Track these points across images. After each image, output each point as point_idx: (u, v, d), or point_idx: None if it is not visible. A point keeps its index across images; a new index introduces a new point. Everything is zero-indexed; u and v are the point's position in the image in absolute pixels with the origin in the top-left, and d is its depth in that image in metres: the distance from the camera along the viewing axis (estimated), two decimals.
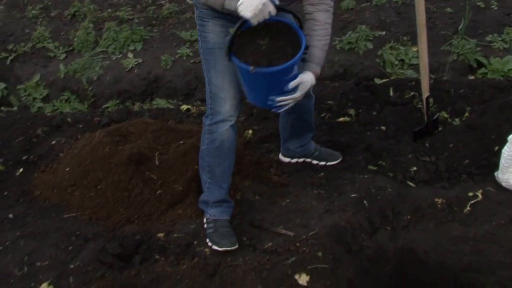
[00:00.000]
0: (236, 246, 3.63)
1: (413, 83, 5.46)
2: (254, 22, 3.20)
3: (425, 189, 4.15)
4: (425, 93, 4.64)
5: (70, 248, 3.77)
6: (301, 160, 4.59)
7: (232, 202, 3.92)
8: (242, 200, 4.14)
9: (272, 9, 3.20)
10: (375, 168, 4.48)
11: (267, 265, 3.45)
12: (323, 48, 3.64)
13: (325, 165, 4.52)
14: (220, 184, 3.81)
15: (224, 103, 3.64)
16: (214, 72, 3.64)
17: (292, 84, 3.42)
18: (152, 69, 6.85)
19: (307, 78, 3.52)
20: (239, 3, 3.16)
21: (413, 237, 3.94)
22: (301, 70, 3.52)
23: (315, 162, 4.56)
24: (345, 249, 3.72)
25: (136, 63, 6.99)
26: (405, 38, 6.74)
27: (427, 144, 4.67)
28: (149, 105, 6.28)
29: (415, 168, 4.41)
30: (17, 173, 4.79)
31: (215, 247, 3.64)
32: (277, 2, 3.26)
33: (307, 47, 3.37)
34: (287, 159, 4.59)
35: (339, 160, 4.54)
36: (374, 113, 5.22)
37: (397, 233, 3.95)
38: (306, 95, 3.86)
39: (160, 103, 6.29)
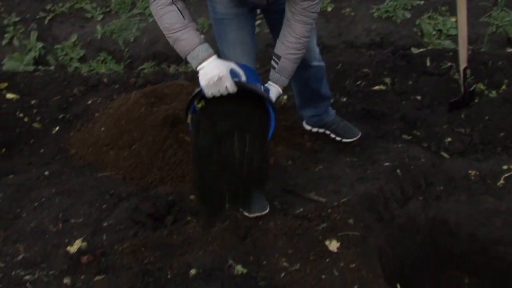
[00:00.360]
0: (267, 210, 3.63)
1: (451, 53, 5.41)
2: (208, 93, 2.97)
3: (459, 160, 4.12)
4: (463, 64, 4.59)
5: (104, 206, 3.81)
6: (321, 130, 4.48)
7: None
8: (275, 165, 4.15)
9: (230, 85, 2.92)
10: (409, 137, 4.46)
11: (298, 230, 3.46)
12: (296, 62, 3.36)
13: (340, 140, 4.40)
14: None
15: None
16: (225, 42, 3.55)
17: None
18: None
19: (274, 91, 3.34)
20: (200, 66, 2.98)
21: (445, 208, 3.92)
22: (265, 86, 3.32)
23: (332, 136, 4.44)
24: (377, 217, 3.72)
25: None
26: (443, 8, 6.64)
27: (462, 116, 4.63)
28: (184, 68, 6.28)
29: (449, 139, 4.38)
30: (54, 132, 4.84)
31: (245, 213, 3.66)
32: (243, 79, 3.01)
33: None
34: (308, 127, 4.52)
35: (355, 138, 4.37)
36: (410, 82, 5.18)
37: (429, 204, 3.94)
38: (312, 63, 3.88)
39: None
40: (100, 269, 3.26)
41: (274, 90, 3.33)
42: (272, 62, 3.30)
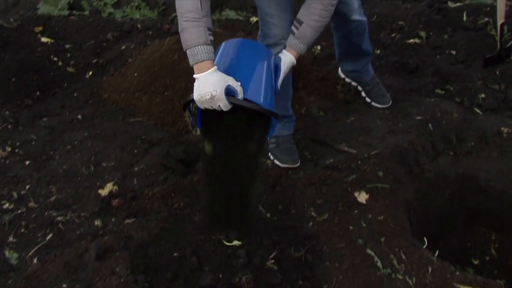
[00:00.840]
0: (298, 164, 3.65)
1: (488, 8, 5.33)
2: (201, 106, 2.81)
3: (491, 117, 4.08)
4: (500, 19, 4.51)
5: (135, 151, 3.85)
6: (354, 84, 4.37)
7: (293, 116, 3.84)
8: (306, 115, 4.15)
9: (223, 105, 2.72)
10: (442, 92, 4.42)
11: (328, 180, 3.47)
12: (317, 30, 3.15)
13: (370, 103, 4.29)
14: (279, 100, 3.58)
15: (273, 27, 3.39)
16: None
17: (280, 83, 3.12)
18: None
19: (285, 60, 3.15)
20: (196, 74, 2.84)
21: (476, 165, 3.91)
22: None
23: (363, 95, 4.34)
24: (406, 170, 3.72)
25: None
26: None
27: (497, 72, 4.57)
28: (218, 16, 6.26)
29: (483, 95, 4.34)
30: (87, 76, 4.88)
31: (277, 162, 3.67)
32: (239, 96, 2.75)
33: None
34: (342, 75, 4.43)
35: (385, 106, 4.22)
36: (445, 36, 5.12)
37: (459, 159, 3.93)
38: (351, 18, 3.76)
39: (230, 14, 6.26)
40: (130, 213, 3.30)
41: (286, 60, 3.15)
42: (292, 27, 3.16)
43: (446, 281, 2.78)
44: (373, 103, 4.24)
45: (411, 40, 5.08)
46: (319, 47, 4.93)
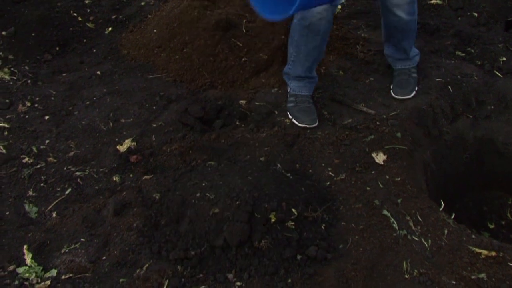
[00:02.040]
0: (316, 124, 3.65)
1: None
2: None
3: None
4: None
5: (154, 107, 3.85)
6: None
7: (315, 78, 3.85)
8: (325, 74, 4.13)
9: None
10: (463, 54, 4.39)
11: (346, 140, 3.48)
12: None
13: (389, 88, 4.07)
14: (304, 61, 3.71)
15: None
16: None
17: None
18: None
19: None
20: None
21: (494, 128, 3.90)
22: None
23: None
24: (424, 132, 3.71)
25: None
26: None
27: None
28: None
29: (504, 58, 4.30)
30: (106, 32, 4.86)
31: (294, 121, 3.67)
32: None
33: None
34: None
35: (399, 97, 3.89)
36: None
37: (478, 122, 3.92)
38: (394, 10, 3.69)
39: None
40: (148, 169, 3.33)
41: None
42: None
43: (462, 244, 2.79)
44: (391, 91, 3.97)
45: (433, 1, 5.02)
46: (339, 7, 4.89)
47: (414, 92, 3.89)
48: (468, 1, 5.02)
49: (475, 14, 4.86)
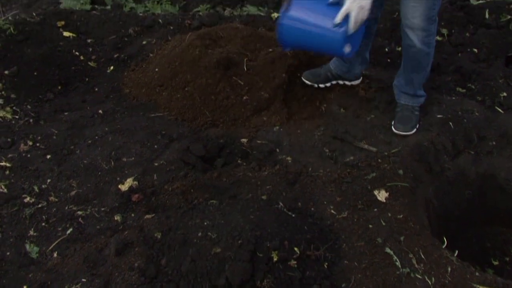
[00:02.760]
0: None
1: (511, 6, 5.28)
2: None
3: None
4: None
5: (156, 146, 3.85)
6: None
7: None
8: (327, 112, 4.15)
9: None
10: (464, 90, 4.40)
11: (347, 178, 3.48)
12: None
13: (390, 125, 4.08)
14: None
15: None
16: None
17: (338, 19, 3.35)
18: None
19: (350, 4, 3.32)
20: None
21: (496, 164, 3.89)
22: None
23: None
24: (426, 169, 3.71)
25: None
26: None
27: None
28: (240, 11, 6.26)
29: (504, 94, 4.31)
30: (108, 71, 4.89)
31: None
32: None
33: None
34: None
35: (400, 132, 3.90)
36: (467, 34, 5.09)
37: (480, 158, 3.91)
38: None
39: (251, 10, 6.26)
40: (150, 208, 3.32)
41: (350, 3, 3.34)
42: None
43: (466, 282, 2.77)
44: (392, 127, 3.97)
45: None
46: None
47: (415, 129, 3.89)
48: (468, 37, 5.05)
49: (475, 50, 4.88)
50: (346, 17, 3.33)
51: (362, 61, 4.24)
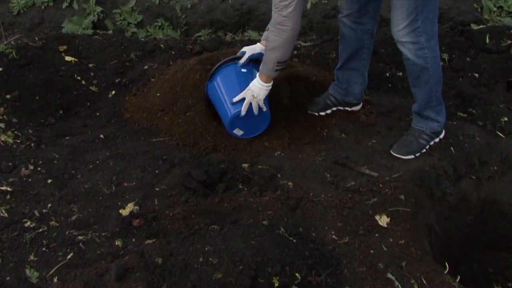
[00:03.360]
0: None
1: (511, 31, 5.31)
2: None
3: None
4: None
5: (157, 171, 3.85)
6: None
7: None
8: (327, 137, 4.15)
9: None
10: (465, 115, 4.41)
11: (349, 203, 3.47)
12: (268, 49, 3.76)
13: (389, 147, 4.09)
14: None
15: None
16: None
17: (235, 99, 3.95)
18: (245, 0, 6.82)
19: (251, 83, 3.90)
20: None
21: (498, 189, 3.89)
22: None
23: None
24: (428, 194, 3.71)
25: None
26: None
27: None
28: (241, 36, 6.29)
29: (506, 119, 4.32)
30: (110, 95, 4.90)
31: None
32: None
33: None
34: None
35: (398, 155, 3.92)
36: (468, 59, 5.11)
37: (481, 183, 3.91)
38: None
39: (252, 35, 6.29)
40: (151, 233, 3.31)
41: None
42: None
43: None
44: (391, 150, 3.99)
45: None
46: None
47: (412, 156, 3.90)
48: (469, 62, 5.07)
49: (476, 74, 4.90)
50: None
51: (361, 81, 4.25)
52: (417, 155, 3.91)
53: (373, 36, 4.12)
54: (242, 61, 4.13)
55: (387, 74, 4.93)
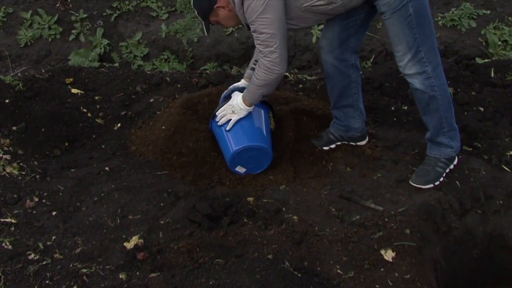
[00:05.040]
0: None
1: None
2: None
3: None
4: None
5: (162, 204, 3.85)
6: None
7: None
8: (333, 171, 4.15)
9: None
10: (470, 149, 4.41)
11: (354, 237, 3.46)
12: (255, 85, 3.88)
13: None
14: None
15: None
16: None
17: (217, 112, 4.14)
18: (251, 34, 6.85)
19: (234, 98, 4.06)
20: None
21: (504, 223, 3.89)
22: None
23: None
24: (433, 228, 3.70)
25: (236, 27, 7.01)
26: (510, 18, 6.56)
27: None
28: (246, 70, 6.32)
29: (511, 153, 4.32)
30: (115, 128, 4.91)
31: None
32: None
33: None
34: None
35: (418, 185, 3.93)
36: (473, 93, 5.12)
37: (487, 217, 3.90)
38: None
39: None
40: (156, 266, 3.30)
41: (235, 98, 4.08)
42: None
43: None
44: (410, 180, 3.99)
45: None
46: None
47: (432, 185, 3.92)
48: (474, 96, 5.07)
49: (481, 108, 4.90)
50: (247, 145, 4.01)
51: (359, 114, 4.26)
52: (436, 183, 3.92)
53: (358, 69, 4.14)
54: (224, 92, 4.34)
55: (392, 108, 4.93)
